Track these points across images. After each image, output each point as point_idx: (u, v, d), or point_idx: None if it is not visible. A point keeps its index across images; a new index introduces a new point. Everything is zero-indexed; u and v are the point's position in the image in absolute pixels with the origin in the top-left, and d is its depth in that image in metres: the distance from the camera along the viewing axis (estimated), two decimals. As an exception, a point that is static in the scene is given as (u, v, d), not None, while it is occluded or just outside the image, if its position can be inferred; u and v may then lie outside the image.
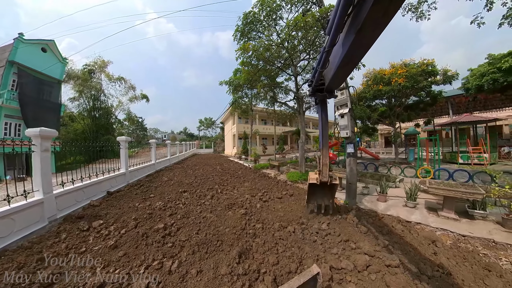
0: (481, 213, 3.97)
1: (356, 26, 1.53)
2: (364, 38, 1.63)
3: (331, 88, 3.38)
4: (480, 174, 6.87)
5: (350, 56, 1.93)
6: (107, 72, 23.47)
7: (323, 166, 3.91)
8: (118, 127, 30.87)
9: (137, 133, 52.09)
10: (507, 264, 2.82)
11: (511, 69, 11.55)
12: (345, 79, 3.01)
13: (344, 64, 2.13)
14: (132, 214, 4.30)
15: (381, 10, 1.33)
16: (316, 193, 4.33)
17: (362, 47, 1.81)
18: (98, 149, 6.50)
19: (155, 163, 10.84)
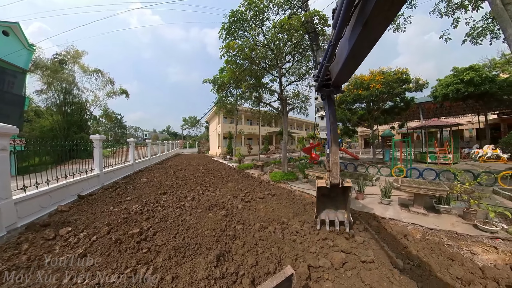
0: (446, 208, 4.34)
1: (363, 19, 1.48)
2: (371, 31, 1.59)
3: (338, 83, 3.23)
4: (445, 172, 7.50)
5: (356, 49, 1.89)
6: (81, 63, 21.23)
7: (333, 165, 3.39)
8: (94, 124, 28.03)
9: (115, 131, 49.02)
10: (467, 253, 3.11)
11: (471, 81, 13.00)
12: (352, 73, 2.85)
13: (351, 58, 2.08)
14: (105, 219, 4.01)
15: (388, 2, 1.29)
16: (327, 202, 3.68)
17: (369, 41, 1.76)
18: (68, 148, 5.98)
19: (133, 164, 10.28)
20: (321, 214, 3.64)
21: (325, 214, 3.61)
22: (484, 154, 12.49)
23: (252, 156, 20.98)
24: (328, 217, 3.54)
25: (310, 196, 5.97)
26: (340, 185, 3.37)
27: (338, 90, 3.38)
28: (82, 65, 21.29)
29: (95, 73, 22.03)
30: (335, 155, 3.47)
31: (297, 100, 11.68)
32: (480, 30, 7.36)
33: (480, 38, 7.50)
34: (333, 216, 3.55)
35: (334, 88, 3.32)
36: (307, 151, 14.25)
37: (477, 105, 16.82)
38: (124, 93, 24.84)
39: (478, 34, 7.43)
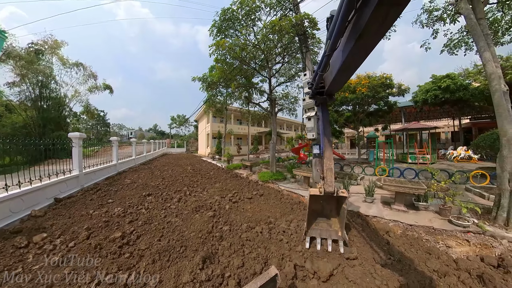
0: (424, 205, 4.60)
1: (357, 32, 1.54)
2: (364, 44, 1.66)
3: (331, 92, 3.35)
4: (424, 172, 7.95)
5: (350, 61, 1.96)
6: (60, 54, 19.31)
7: (328, 171, 3.09)
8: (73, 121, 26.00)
9: (98, 129, 46.52)
10: (443, 246, 3.33)
11: (448, 88, 14.18)
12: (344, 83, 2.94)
13: (344, 69, 2.15)
14: (84, 224, 3.79)
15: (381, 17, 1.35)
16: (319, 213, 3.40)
17: (361, 53, 1.83)
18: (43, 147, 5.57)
19: (117, 164, 9.83)
20: (312, 231, 3.23)
21: (316, 231, 3.24)
22: (458, 155, 13.41)
23: (242, 156, 20.91)
24: (320, 234, 3.19)
25: (297, 195, 6.06)
26: (335, 194, 3.01)
27: (331, 98, 3.48)
28: (61, 56, 19.47)
29: (75, 66, 20.33)
30: (330, 160, 3.20)
31: (286, 101, 11.80)
32: (456, 42, 7.97)
33: (456, 49, 8.11)
34: (326, 233, 3.19)
35: (327, 96, 3.42)
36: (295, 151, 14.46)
37: (452, 110, 18.23)
38: (107, 88, 23.28)
39: (455, 45, 8.04)
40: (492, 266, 2.77)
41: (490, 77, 3.84)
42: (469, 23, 4.10)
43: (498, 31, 7.32)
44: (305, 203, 4.95)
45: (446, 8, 6.87)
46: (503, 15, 6.97)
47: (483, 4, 4.70)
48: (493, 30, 7.19)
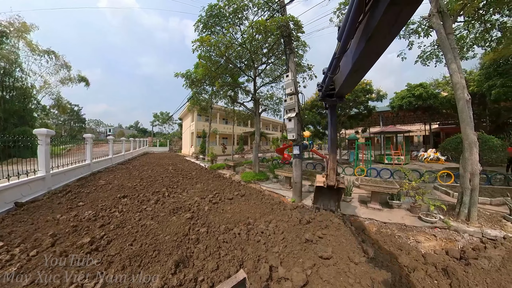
0: (397, 203, 4.89)
1: (367, 34, 1.49)
2: (375, 46, 1.61)
3: (341, 94, 3.34)
4: (398, 172, 8.46)
5: (361, 62, 1.91)
6: (28, 39, 17.05)
7: (331, 170, 3.96)
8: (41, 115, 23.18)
9: (71, 125, 43.09)
10: (413, 242, 3.55)
11: (420, 96, 15.61)
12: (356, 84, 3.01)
13: (355, 70, 2.11)
14: (49, 230, 3.45)
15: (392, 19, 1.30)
16: (323, 196, 4.47)
17: (372, 55, 1.78)
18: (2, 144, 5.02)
19: (90, 163, 9.17)
20: (317, 203, 4.57)
21: (320, 203, 4.55)
22: (428, 156, 14.51)
23: (227, 156, 20.69)
24: (323, 205, 4.49)
25: (278, 195, 6.12)
26: (335, 187, 3.99)
27: (342, 100, 3.55)
28: (30, 42, 17.27)
29: (46, 54, 18.28)
30: (333, 162, 3.96)
31: (271, 101, 11.88)
32: (429, 54, 8.74)
33: (428, 61, 8.89)
34: (327, 205, 4.47)
35: (337, 98, 3.45)
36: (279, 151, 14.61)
37: (424, 116, 20.04)
38: (83, 81, 21.37)
39: (427, 57, 8.79)
40: (456, 258, 3.00)
41: (456, 87, 4.21)
42: (439, 36, 4.47)
43: (463, 47, 8.13)
44: (286, 203, 5.08)
45: (421, 22, 7.47)
46: (468, 33, 7.74)
47: (452, 21, 5.17)
48: (460, 46, 7.94)
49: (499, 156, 8.89)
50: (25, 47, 17.29)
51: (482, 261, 2.80)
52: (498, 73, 11.87)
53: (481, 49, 8.35)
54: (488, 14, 6.73)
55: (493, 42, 7.75)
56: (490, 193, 5.69)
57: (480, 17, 6.85)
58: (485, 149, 8.62)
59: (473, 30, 7.69)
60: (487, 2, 6.16)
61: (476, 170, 3.96)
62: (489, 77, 12.36)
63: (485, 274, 2.60)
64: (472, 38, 7.89)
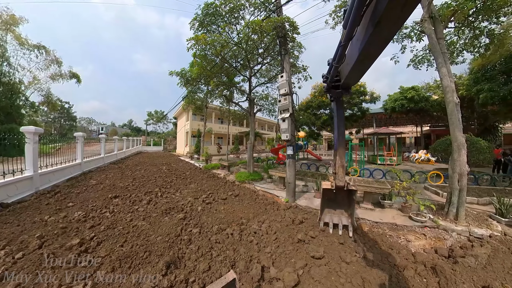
0: (389, 203, 4.98)
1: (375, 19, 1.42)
2: (383, 31, 1.52)
3: (347, 85, 3.10)
4: (390, 172, 8.63)
5: (368, 50, 1.81)
6: (17, 33, 16.39)
7: (339, 168, 3.37)
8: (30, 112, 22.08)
9: (61, 123, 41.93)
10: (403, 241, 3.61)
11: (412, 98, 16.00)
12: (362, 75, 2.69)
13: (362, 58, 2.00)
14: (36, 231, 3.33)
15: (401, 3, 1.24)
16: (331, 204, 3.71)
17: (380, 41, 1.69)
18: None
19: (81, 163, 8.96)
20: (325, 217, 3.69)
21: (329, 217, 3.67)
22: (419, 157, 14.86)
23: (222, 155, 20.60)
24: (332, 220, 3.62)
25: (272, 195, 6.13)
26: (345, 188, 3.39)
27: (347, 92, 3.28)
28: (19, 35, 16.63)
29: (37, 49, 17.67)
30: (342, 158, 3.45)
31: (266, 102, 11.90)
32: (420, 58, 8.97)
33: (420, 65, 9.14)
34: (337, 220, 3.61)
35: (343, 90, 3.23)
36: (274, 151, 14.69)
37: (416, 118, 20.59)
38: (75, 77, 20.72)
39: (419, 61, 9.04)
40: (444, 257, 3.08)
41: (445, 90, 4.32)
42: (430, 41, 4.59)
43: (453, 52, 8.41)
44: (279, 203, 5.07)
45: (413, 27, 7.67)
46: (458, 39, 8.02)
47: (443, 27, 5.33)
48: (450, 51, 8.20)
49: (486, 157, 9.22)
50: (13, 40, 16.63)
51: (469, 259, 2.88)
52: (486, 78, 12.29)
53: (470, 54, 8.62)
54: (477, 21, 6.97)
55: (481, 48, 8.03)
56: (477, 193, 5.87)
57: (470, 23, 7.08)
58: (473, 151, 8.90)
59: (463, 36, 7.96)
60: (476, 10, 6.37)
61: (464, 171, 4.07)
62: (477, 81, 12.78)
63: (472, 271, 2.68)
64: (462, 44, 8.15)
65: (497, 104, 11.95)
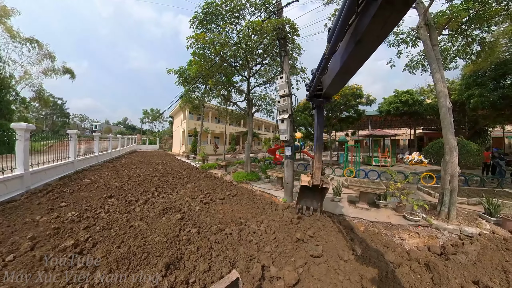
0: (384, 203, 5.10)
1: (356, 37, 1.56)
2: (363, 49, 1.68)
3: (328, 94, 3.40)
4: (385, 173, 8.79)
5: (348, 64, 1.98)
6: (8, 25, 15.74)
7: (316, 170, 4.00)
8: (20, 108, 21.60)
9: (53, 119, 40.73)
10: (398, 239, 3.72)
11: (407, 102, 16.39)
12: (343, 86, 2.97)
13: (343, 72, 2.18)
14: (28, 232, 3.24)
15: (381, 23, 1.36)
16: (307, 195, 4.50)
17: (360, 57, 1.85)
18: None
19: (74, 161, 8.75)
20: (300, 203, 4.61)
21: (303, 202, 4.61)
22: (412, 159, 15.18)
23: (218, 155, 20.50)
24: (306, 205, 4.58)
25: (270, 196, 6.16)
26: (320, 186, 4.05)
27: (328, 100, 3.61)
28: (10, 28, 15.95)
29: (29, 43, 17.05)
30: (319, 161, 4.00)
31: (264, 102, 11.92)
32: (415, 63, 9.22)
33: (415, 69, 9.43)
34: (310, 204, 4.58)
35: (324, 99, 3.52)
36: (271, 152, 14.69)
37: (410, 121, 21.16)
38: (68, 72, 20.15)
39: (414, 66, 9.31)
40: (437, 254, 3.21)
41: (439, 95, 4.48)
42: (425, 47, 4.75)
43: (447, 58, 8.71)
44: (277, 203, 5.12)
45: (409, 33, 7.90)
46: (452, 45, 8.29)
47: (438, 34, 5.53)
48: (444, 57, 8.46)
49: (475, 159, 9.54)
50: (4, 33, 16.00)
51: (460, 256, 3.02)
52: (477, 83, 12.71)
53: (463, 61, 8.93)
54: (470, 29, 7.24)
55: (473, 55, 8.34)
56: (468, 194, 6.08)
57: (463, 31, 7.35)
58: (463, 153, 9.18)
59: (456, 43, 8.26)
60: (469, 18, 6.61)
61: (455, 173, 4.25)
62: (468, 87, 13.19)
63: (463, 267, 2.81)
64: (455, 50, 8.45)
65: (487, 108, 12.37)
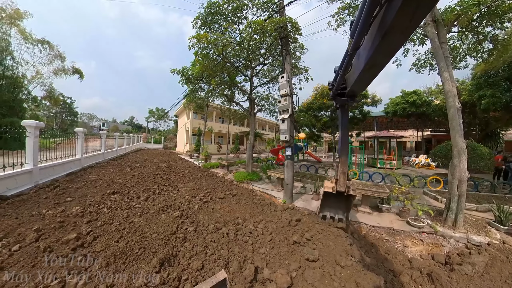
0: (387, 207, 4.96)
1: (382, 30, 1.42)
2: (391, 42, 1.53)
3: (353, 93, 3.14)
4: (389, 176, 8.60)
5: (375, 60, 1.81)
6: (22, 27, 16.55)
7: (341, 175, 3.66)
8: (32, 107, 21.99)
9: (63, 118, 42.02)
10: (400, 246, 3.59)
11: (414, 102, 16.01)
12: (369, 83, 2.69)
13: (369, 68, 2.00)
14: (34, 224, 3.35)
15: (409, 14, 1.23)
16: (331, 203, 4.07)
17: (388, 51, 1.69)
18: None
19: (81, 158, 8.99)
20: (324, 211, 4.21)
21: (327, 211, 4.19)
22: (419, 162, 14.79)
23: (222, 155, 20.60)
24: (330, 213, 4.15)
25: (270, 196, 6.13)
26: (345, 193, 3.66)
27: (353, 99, 3.36)
28: (23, 29, 16.74)
29: (40, 44, 17.80)
30: (344, 165, 3.70)
31: (267, 102, 11.89)
32: (423, 62, 8.90)
33: (422, 69, 9.12)
34: (334, 213, 4.13)
35: (349, 98, 3.28)
36: (274, 152, 14.68)
37: (417, 122, 20.50)
38: (77, 73, 20.82)
39: (421, 65, 9.01)
40: (441, 263, 3.04)
41: (447, 95, 4.29)
42: (433, 45, 4.56)
43: (456, 57, 8.36)
44: (276, 204, 5.08)
45: (416, 31, 7.61)
46: (461, 43, 7.95)
47: (446, 31, 5.27)
48: (453, 56, 8.15)
49: (486, 164, 9.17)
50: (17, 34, 16.75)
51: (466, 267, 2.84)
52: (489, 83, 12.22)
53: (473, 59, 8.57)
54: (481, 26, 6.90)
55: (484, 53, 7.96)
56: (477, 200, 5.83)
57: (474, 28, 7.01)
58: (473, 157, 8.87)
59: (466, 41, 7.90)
60: (480, 14, 6.31)
61: (464, 177, 4.02)
62: (480, 87, 12.71)
63: (469, 280, 2.64)
64: (465, 49, 8.09)
65: (499, 110, 11.90)
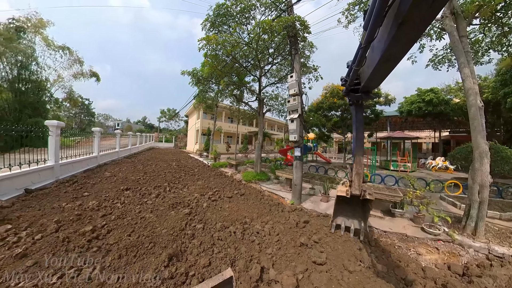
0: (400, 212, 4.74)
1: (398, 19, 1.32)
2: (408, 32, 1.41)
3: (367, 88, 2.95)
4: (403, 179, 8.25)
5: (391, 52, 1.70)
6: (45, 35, 18.08)
7: (356, 176, 3.30)
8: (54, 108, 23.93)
9: (81, 118, 44.50)
10: (413, 253, 3.40)
11: (431, 101, 14.94)
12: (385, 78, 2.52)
13: (384, 61, 1.88)
14: (54, 216, 3.60)
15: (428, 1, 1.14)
16: (345, 209, 3.69)
17: (405, 43, 1.56)
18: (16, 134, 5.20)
19: (98, 156, 9.44)
20: (337, 220, 3.76)
21: (341, 220, 3.73)
22: (436, 164, 14.04)
23: (230, 154, 20.79)
24: (344, 222, 3.68)
25: (278, 197, 6.10)
26: (361, 197, 3.30)
27: (368, 95, 3.12)
28: (46, 37, 18.23)
29: (61, 50, 19.27)
30: (359, 165, 3.37)
31: (276, 102, 11.85)
32: (441, 58, 8.43)
33: (440, 65, 8.58)
34: (349, 223, 3.68)
35: (363, 94, 3.06)
36: (283, 152, 14.58)
37: (434, 122, 19.23)
38: (95, 76, 22.23)
39: (439, 61, 8.50)
40: (458, 274, 2.83)
41: (468, 92, 3.98)
42: (452, 39, 4.25)
43: (478, 52, 7.77)
44: (284, 205, 5.03)
45: (433, 25, 7.14)
46: (484, 36, 7.38)
47: (466, 23, 4.89)
48: (474, 50, 7.61)
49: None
50: (41, 42, 18.21)
51: (486, 280, 2.63)
52: (515, 80, 11.37)
53: (498, 54, 7.94)
54: (506, 17, 6.35)
55: (510, 47, 7.34)
56: (501, 207, 5.41)
57: (498, 20, 6.45)
58: (497, 160, 8.25)
59: (489, 34, 7.30)
60: (505, 4, 5.78)
61: (486, 182, 3.70)
62: (505, 84, 11.82)
63: (489, 294, 2.46)
64: (488, 42, 7.51)
65: (527, 110, 11.03)
